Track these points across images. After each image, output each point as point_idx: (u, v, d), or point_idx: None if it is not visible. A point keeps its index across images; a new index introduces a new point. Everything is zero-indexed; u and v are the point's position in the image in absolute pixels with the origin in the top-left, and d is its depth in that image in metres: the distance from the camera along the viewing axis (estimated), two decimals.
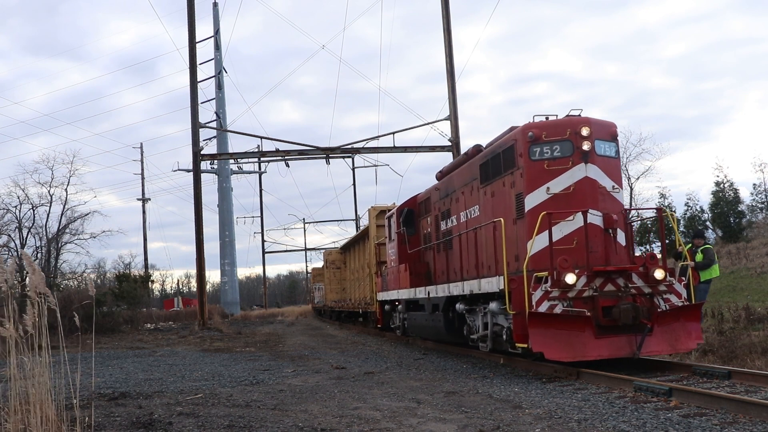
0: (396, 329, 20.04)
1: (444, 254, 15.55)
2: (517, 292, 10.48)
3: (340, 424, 7.25)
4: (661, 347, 10.34)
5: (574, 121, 11.12)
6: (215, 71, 56.67)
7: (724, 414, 6.97)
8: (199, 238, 30.76)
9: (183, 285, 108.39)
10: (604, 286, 10.45)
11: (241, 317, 51.97)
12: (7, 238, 42.64)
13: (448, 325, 14.44)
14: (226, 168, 59.57)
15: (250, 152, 32.96)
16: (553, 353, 9.90)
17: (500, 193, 12.29)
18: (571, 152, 10.95)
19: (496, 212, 12.33)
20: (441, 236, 15.83)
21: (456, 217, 14.81)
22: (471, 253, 13.44)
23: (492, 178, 12.60)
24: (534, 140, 11.10)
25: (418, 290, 16.26)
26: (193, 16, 31.33)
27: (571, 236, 10.84)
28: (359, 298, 27.60)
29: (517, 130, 11.65)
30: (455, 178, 14.94)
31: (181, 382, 11.64)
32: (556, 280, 10.22)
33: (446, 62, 30.41)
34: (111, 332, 28.96)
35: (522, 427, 6.91)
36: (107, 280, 59.70)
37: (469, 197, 13.93)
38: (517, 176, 11.55)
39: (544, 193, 11.02)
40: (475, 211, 13.58)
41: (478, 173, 13.29)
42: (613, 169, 11.29)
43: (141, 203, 61.34)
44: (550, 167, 11.03)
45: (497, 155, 12.34)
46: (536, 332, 9.90)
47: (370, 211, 24.36)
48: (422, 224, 17.58)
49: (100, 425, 7.38)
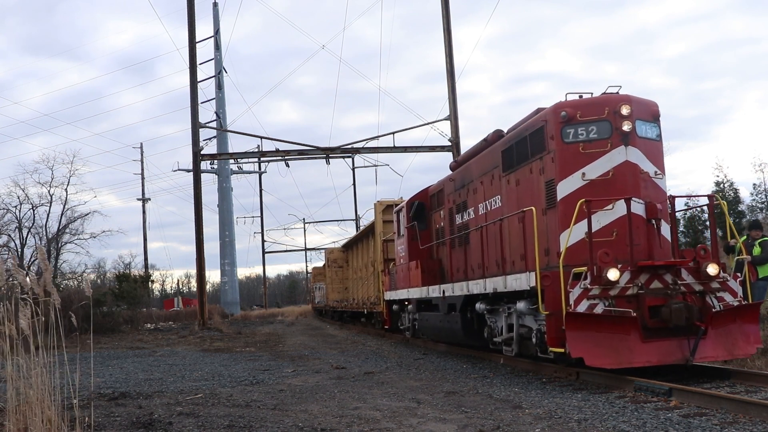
0: (405, 331, 18.89)
1: (460, 250, 14.30)
2: (550, 290, 9.34)
3: (340, 424, 7.17)
4: (717, 352, 9.15)
5: (612, 98, 9.96)
6: (215, 71, 56.52)
7: (724, 414, 6.88)
8: (199, 238, 30.72)
9: (183, 285, 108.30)
10: (650, 283, 9.27)
11: (241, 317, 51.89)
12: (7, 238, 42.67)
13: (466, 327, 13.26)
14: (226, 168, 59.41)
15: (250, 152, 32.99)
16: (594, 359, 8.81)
17: (527, 180, 11.13)
18: (610, 133, 9.83)
19: (522, 202, 11.14)
20: (456, 230, 14.64)
21: (474, 209, 13.63)
22: (493, 248, 12.30)
23: (517, 165, 11.44)
24: (567, 120, 9.97)
25: (432, 289, 15.10)
26: (193, 16, 31.28)
27: (610, 227, 9.70)
28: (363, 298, 26.70)
29: (547, 109, 10.49)
30: (473, 167, 13.75)
31: (181, 382, 11.53)
32: (596, 276, 9.04)
33: (446, 62, 30.33)
34: (111, 332, 28.88)
35: (522, 427, 6.84)
36: (107, 280, 59.61)
37: (489, 187, 12.77)
38: (547, 161, 10.39)
39: (579, 180, 9.89)
40: (496, 202, 12.43)
41: (500, 160, 12.13)
42: (655, 153, 10.14)
43: (141, 203, 61.36)
44: (586, 150, 9.90)
45: (523, 139, 11.17)
46: (574, 335, 8.80)
47: (377, 206, 23.30)
48: (434, 218, 16.43)
49: (100, 425, 7.33)
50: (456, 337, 14.06)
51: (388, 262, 20.85)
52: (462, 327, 13.34)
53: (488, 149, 12.96)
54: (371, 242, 25.48)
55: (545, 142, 10.42)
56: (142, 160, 60.74)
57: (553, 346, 9.46)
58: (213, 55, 56.76)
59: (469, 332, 13.25)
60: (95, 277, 61.57)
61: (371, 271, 25.28)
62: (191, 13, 31.04)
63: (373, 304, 23.90)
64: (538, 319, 10.13)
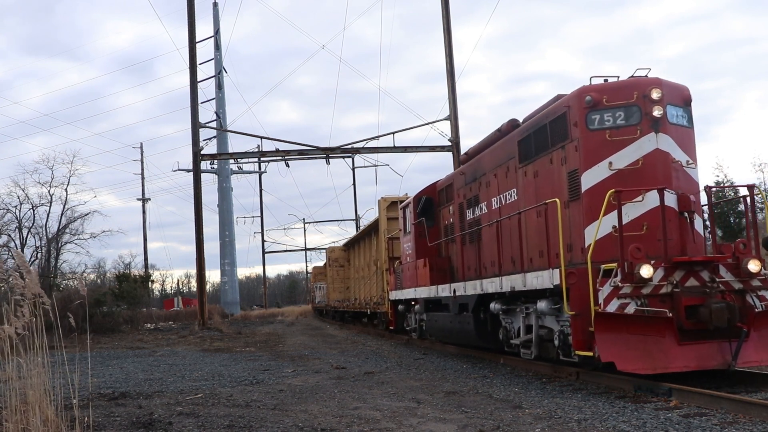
0: (411, 332, 18.11)
1: (472, 247, 13.58)
2: (576, 288, 8.66)
3: (340, 424, 7.15)
4: (761, 356, 8.45)
5: (642, 82, 9.24)
6: (215, 71, 56.53)
7: (724, 414, 6.85)
8: (199, 238, 30.71)
9: (183, 285, 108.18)
10: (685, 280, 8.54)
11: (241, 317, 51.86)
12: (7, 238, 42.65)
13: (480, 328, 12.52)
14: (226, 168, 59.32)
15: (250, 152, 33.01)
16: (626, 363, 8.11)
17: (546, 172, 10.43)
18: (639, 119, 9.12)
19: (541, 195, 10.43)
20: (467, 226, 13.87)
21: (486, 203, 12.91)
22: (509, 244, 11.58)
23: (535, 155, 10.75)
24: (593, 106, 9.28)
25: (441, 288, 14.36)
26: (193, 16, 31.23)
27: (640, 221, 8.98)
28: (366, 298, 26.05)
29: (570, 94, 9.80)
30: (485, 160, 12.98)
31: (181, 382, 11.49)
32: (627, 273, 8.31)
33: (446, 62, 30.27)
34: (111, 332, 28.83)
35: (522, 427, 6.82)
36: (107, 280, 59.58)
37: (503, 180, 12.05)
38: (570, 150, 9.72)
39: (605, 169, 9.20)
40: (511, 196, 11.74)
41: (516, 151, 11.42)
42: (687, 141, 9.44)
43: (141, 203, 61.25)
44: (613, 138, 9.19)
45: (542, 127, 10.47)
46: (605, 338, 8.14)
47: (380, 203, 22.61)
48: (443, 214, 15.70)
49: (100, 425, 7.30)
50: (468, 338, 13.33)
51: (392, 261, 20.18)
52: (475, 328, 12.63)
53: (502, 140, 12.24)
54: (374, 240, 24.95)
55: (568, 129, 9.74)
56: (142, 160, 60.65)
57: (580, 349, 8.74)
58: (213, 55, 56.78)
59: (483, 334, 12.56)
60: (95, 277, 61.58)
61: (374, 270, 24.73)
62: (191, 13, 30.99)
63: (377, 304, 23.29)
64: (561, 319, 9.53)
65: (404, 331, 19.26)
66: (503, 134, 12.26)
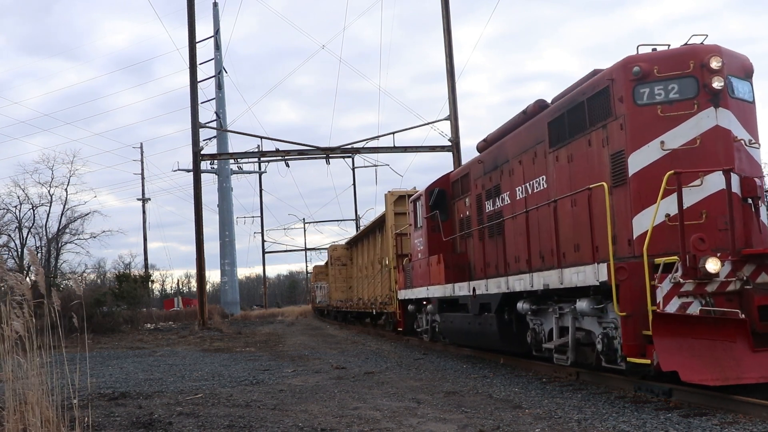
0: (422, 334, 16.80)
1: (492, 242, 12.44)
2: (627, 285, 7.65)
3: (340, 424, 7.14)
4: None
5: (699, 49, 8.16)
6: (215, 71, 56.58)
7: (724, 414, 6.82)
8: (199, 238, 30.72)
9: (183, 285, 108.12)
10: (756, 275, 7.46)
11: (241, 317, 51.85)
12: (7, 238, 42.69)
13: (503, 330, 11.34)
14: (226, 168, 59.32)
15: (250, 152, 33.00)
16: (692, 373, 6.98)
17: (583, 155, 9.34)
18: (696, 92, 8.09)
19: (577, 181, 9.38)
20: (486, 219, 12.73)
21: (509, 193, 11.78)
22: (537, 237, 10.54)
23: (570, 138, 9.66)
24: (641, 78, 8.21)
25: (458, 286, 13.28)
26: (193, 16, 31.23)
27: (698, 208, 7.86)
28: (371, 297, 25.17)
29: (614, 66, 8.66)
30: (508, 146, 11.86)
31: (181, 382, 11.45)
32: (689, 267, 7.24)
33: (446, 62, 30.26)
34: (111, 332, 28.84)
35: (522, 427, 6.80)
36: (107, 280, 59.62)
37: (530, 167, 10.96)
38: (613, 129, 8.62)
39: (656, 150, 8.12)
40: (540, 184, 10.63)
41: (545, 134, 10.35)
42: (749, 117, 8.41)
43: (140, 203, 61.13)
44: (666, 114, 8.15)
45: (579, 105, 9.40)
46: (665, 343, 7.04)
47: (387, 197, 21.49)
48: (457, 207, 14.63)
49: (100, 425, 7.29)
50: (489, 342, 12.09)
51: (400, 258, 19.07)
52: (498, 330, 11.41)
53: (528, 123, 11.08)
54: (379, 238, 24.31)
55: (611, 105, 8.65)
56: (142, 160, 60.57)
57: (632, 356, 7.63)
58: (213, 55, 56.82)
59: (507, 336, 11.35)
60: (95, 277, 61.58)
61: (378, 269, 24.08)
62: (191, 13, 30.99)
63: (384, 303, 22.19)
64: (605, 321, 8.47)
65: (414, 333, 18.11)
66: (529, 116, 11.10)
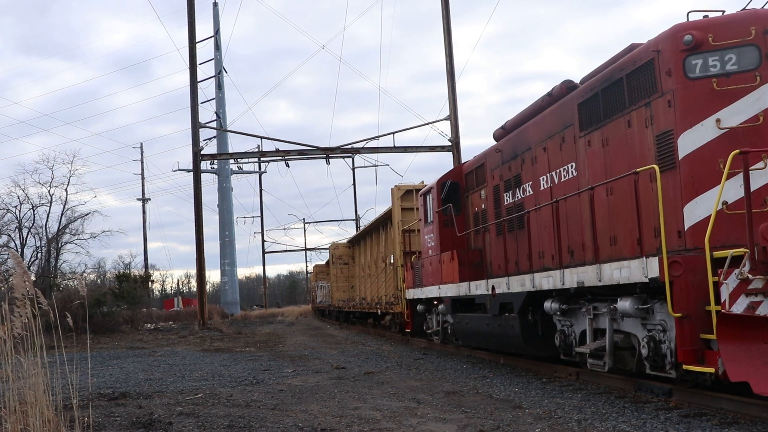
0: (433, 335, 15.98)
1: (513, 236, 11.60)
2: (683, 282, 6.78)
3: (340, 424, 7.13)
4: None
5: (762, 14, 7.30)
6: (215, 71, 56.61)
7: (724, 414, 6.78)
8: (199, 238, 30.70)
9: (183, 285, 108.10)
10: None
11: (241, 317, 51.84)
12: (7, 238, 42.68)
13: (527, 333, 10.53)
14: (226, 168, 59.31)
15: (250, 152, 32.97)
16: (765, 384, 6.08)
17: (621, 138, 8.49)
18: (758, 63, 7.21)
19: (614, 167, 8.56)
20: (504, 213, 11.91)
21: (532, 183, 10.95)
22: (568, 230, 9.68)
23: (605, 119, 8.82)
24: (693, 47, 7.34)
25: (475, 285, 12.44)
26: (193, 16, 31.21)
27: (761, 194, 7.01)
28: (376, 297, 24.37)
29: (660, 35, 7.77)
30: (530, 132, 11.05)
31: (181, 382, 11.43)
32: (759, 260, 6.34)
33: (446, 62, 30.25)
34: (111, 332, 28.77)
35: (522, 427, 6.79)
36: (107, 280, 59.61)
37: (556, 154, 10.13)
38: (659, 107, 7.75)
39: (712, 129, 7.26)
40: (568, 171, 9.81)
41: (575, 116, 9.53)
42: None
43: (140, 203, 60.85)
44: (723, 88, 7.29)
45: (616, 83, 8.54)
46: (732, 349, 6.19)
47: (394, 191, 20.56)
48: (471, 201, 13.87)
49: (100, 425, 7.27)
50: (511, 345, 11.27)
51: (408, 256, 18.25)
52: (521, 332, 10.58)
53: (555, 106, 10.25)
54: (383, 235, 23.77)
55: (656, 80, 7.78)
56: (142, 160, 60.51)
57: (689, 363, 6.79)
58: (213, 55, 56.82)
59: (532, 339, 10.54)
60: (95, 277, 61.57)
61: (382, 268, 23.54)
62: (191, 12, 30.98)
63: (390, 303, 21.31)
64: (651, 323, 7.65)
65: (422, 335, 17.25)
66: (555, 99, 10.27)
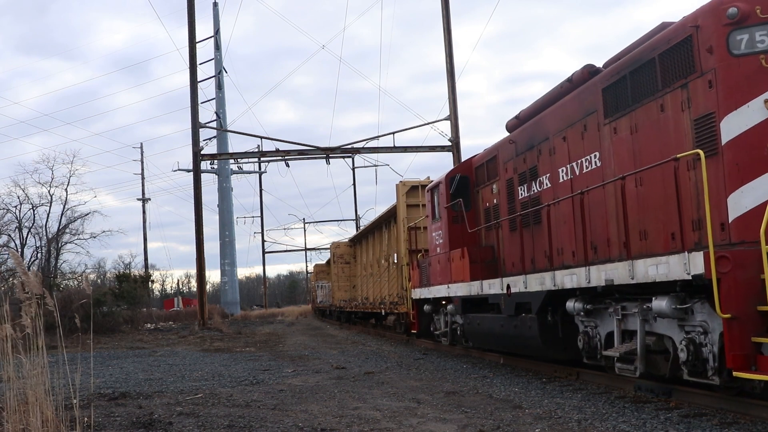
0: (441, 337, 15.33)
1: (528, 232, 10.93)
2: (730, 279, 6.14)
3: (340, 424, 7.13)
4: None
5: None
6: (215, 71, 56.63)
7: (724, 414, 6.79)
8: (199, 238, 30.70)
9: (183, 285, 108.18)
10: None
11: (241, 317, 51.87)
12: (7, 238, 42.71)
13: (546, 334, 9.89)
14: (226, 168, 59.37)
15: (250, 152, 32.98)
16: None
17: (653, 124, 7.77)
18: None
19: (644, 156, 7.88)
20: (519, 207, 11.28)
21: (549, 176, 10.30)
22: (591, 224, 8.88)
23: (634, 104, 8.11)
24: (738, 21, 6.66)
25: (488, 284, 11.85)
26: (194, 16, 31.22)
27: None
28: (378, 297, 24.02)
29: (700, 9, 7.11)
30: (547, 121, 10.40)
31: (181, 382, 11.42)
32: None
33: (446, 62, 30.27)
34: (111, 332, 28.79)
35: (522, 427, 6.79)
36: (107, 280, 59.66)
37: (577, 143, 9.46)
38: (698, 88, 7.03)
39: (760, 110, 6.60)
40: (591, 162, 9.13)
41: (599, 102, 8.85)
42: None
43: (140, 203, 60.80)
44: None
45: (647, 64, 7.84)
46: None
47: (399, 187, 19.96)
48: (482, 196, 13.24)
49: (100, 425, 7.27)
50: (528, 347, 10.65)
51: (413, 254, 17.72)
52: (539, 334, 9.97)
53: (575, 92, 9.63)
54: (385, 234, 23.41)
55: (695, 58, 7.08)
56: (142, 160, 60.52)
57: (740, 369, 6.13)
58: (212, 55, 56.85)
59: (551, 341, 9.92)
60: (95, 277, 61.62)
61: (386, 267, 23.17)
62: (191, 12, 30.99)
63: (394, 304, 20.71)
64: (690, 324, 7.04)
65: (429, 336, 16.59)
66: (576, 84, 9.66)
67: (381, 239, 24.72)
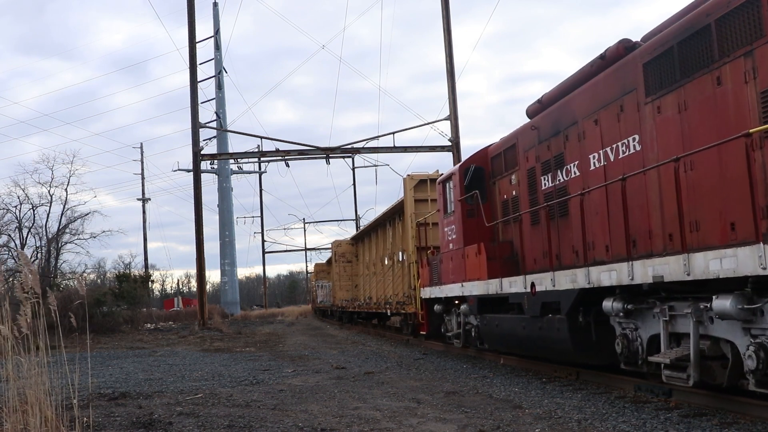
0: (453, 339, 14.38)
1: (554, 225, 9.88)
2: None
3: (340, 424, 7.12)
4: None
5: None
6: (215, 71, 56.64)
7: (724, 414, 6.79)
8: (199, 238, 30.70)
9: (183, 285, 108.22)
10: None
11: (241, 317, 51.89)
12: (7, 238, 42.70)
13: (578, 337, 8.95)
14: (226, 168, 59.41)
15: (250, 152, 33.00)
16: None
17: (707, 100, 6.81)
18: None
19: (696, 136, 6.91)
20: (542, 199, 10.30)
21: (578, 163, 9.32)
22: (633, 214, 7.88)
23: (683, 78, 7.14)
24: None
25: (508, 282, 10.97)
26: (194, 16, 31.22)
27: None
28: (383, 296, 23.27)
29: None
30: (576, 103, 9.42)
31: (181, 382, 11.42)
32: None
33: (446, 62, 30.28)
34: (111, 332, 28.78)
35: (522, 427, 6.79)
36: (107, 280, 59.62)
37: (611, 126, 8.51)
38: (765, 56, 6.10)
39: None
40: (630, 146, 8.14)
41: (639, 80, 7.91)
42: None
43: (140, 203, 60.79)
44: None
45: (700, 32, 6.86)
46: None
47: (407, 181, 19.07)
48: (499, 187, 12.32)
49: (100, 425, 7.27)
50: (555, 351, 9.76)
51: (421, 252, 16.99)
52: (570, 337, 9.03)
53: (609, 70, 8.70)
54: (389, 231, 22.86)
55: (763, 21, 6.10)
56: (142, 160, 60.47)
57: None
58: (212, 55, 56.85)
59: (584, 345, 8.98)
60: (95, 277, 61.60)
61: (390, 265, 22.58)
62: (191, 12, 30.99)
63: (401, 303, 19.80)
64: (757, 327, 6.18)
65: (440, 337, 15.75)
66: (610, 62, 8.75)
67: (385, 237, 23.98)
